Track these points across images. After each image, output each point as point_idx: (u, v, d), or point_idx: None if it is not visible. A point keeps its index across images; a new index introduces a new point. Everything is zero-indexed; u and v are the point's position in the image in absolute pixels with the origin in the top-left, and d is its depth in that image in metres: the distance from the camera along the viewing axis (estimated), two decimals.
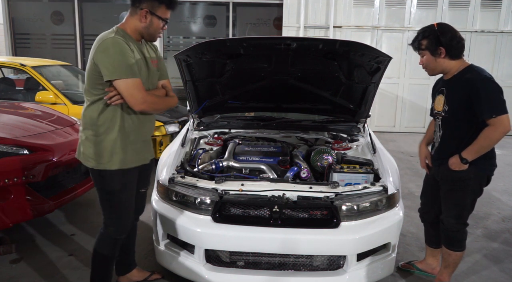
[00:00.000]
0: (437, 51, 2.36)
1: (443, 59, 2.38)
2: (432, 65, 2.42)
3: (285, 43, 2.69)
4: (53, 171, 3.11)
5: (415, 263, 2.92)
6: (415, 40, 2.43)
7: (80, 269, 2.87)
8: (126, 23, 2.18)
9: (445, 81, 2.48)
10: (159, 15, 2.15)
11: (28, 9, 8.85)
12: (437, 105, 2.52)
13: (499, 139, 2.28)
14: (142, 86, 2.10)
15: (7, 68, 6.22)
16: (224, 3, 8.67)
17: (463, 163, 2.35)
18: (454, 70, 2.41)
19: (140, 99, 2.08)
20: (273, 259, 2.42)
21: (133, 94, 2.06)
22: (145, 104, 2.10)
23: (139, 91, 2.07)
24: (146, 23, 2.15)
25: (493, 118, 2.22)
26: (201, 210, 2.39)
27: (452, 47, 2.35)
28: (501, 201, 4.51)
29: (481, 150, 2.32)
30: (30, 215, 2.94)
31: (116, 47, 2.04)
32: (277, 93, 3.37)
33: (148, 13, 2.13)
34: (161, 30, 2.22)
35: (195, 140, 3.19)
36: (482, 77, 2.30)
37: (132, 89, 2.06)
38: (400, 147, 6.90)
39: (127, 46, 2.08)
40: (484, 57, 7.99)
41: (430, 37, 2.36)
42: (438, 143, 2.55)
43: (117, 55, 2.03)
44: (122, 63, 2.03)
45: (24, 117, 3.64)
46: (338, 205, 2.35)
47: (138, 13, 2.13)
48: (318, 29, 8.08)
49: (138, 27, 2.16)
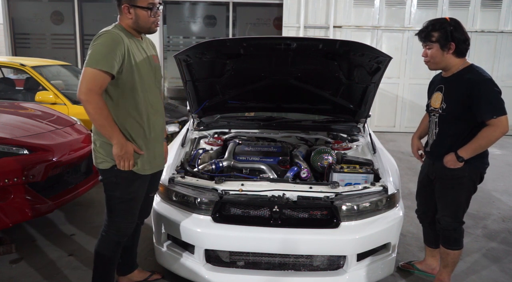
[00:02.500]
0: (447, 46, 2.32)
1: (450, 55, 2.35)
2: (438, 59, 2.38)
3: (285, 43, 2.69)
4: (53, 171, 3.11)
5: (415, 264, 2.92)
6: (425, 31, 2.35)
7: (80, 269, 2.87)
8: (120, 21, 2.16)
9: (444, 79, 2.47)
10: (140, 5, 2.08)
11: (28, 9, 8.85)
12: (434, 102, 2.51)
13: (498, 139, 2.29)
14: (102, 83, 2.00)
15: (7, 68, 6.21)
16: (224, 3, 8.67)
17: (459, 161, 2.35)
18: (455, 68, 2.40)
19: (87, 89, 1.96)
20: (273, 259, 2.42)
21: (89, 81, 1.97)
22: (86, 96, 1.97)
23: (95, 84, 1.97)
24: (132, 18, 2.11)
25: (493, 119, 2.24)
26: (201, 210, 2.39)
27: (461, 44, 2.33)
28: (501, 201, 4.51)
29: (478, 149, 2.33)
30: (30, 215, 2.94)
31: (104, 38, 2.01)
32: (277, 93, 3.37)
33: (130, 7, 2.08)
34: (154, 18, 2.14)
35: (195, 140, 3.19)
36: (484, 79, 2.29)
37: (89, 78, 1.97)
38: (400, 147, 6.90)
39: (120, 39, 2.04)
40: (484, 57, 7.99)
41: (443, 30, 2.30)
42: (433, 140, 2.54)
43: (101, 46, 2.00)
44: (100, 53, 1.98)
45: (24, 117, 3.64)
46: (338, 205, 2.35)
47: (122, 11, 2.10)
48: (318, 29, 8.08)
49: (129, 24, 2.13)
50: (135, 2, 2.08)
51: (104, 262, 2.34)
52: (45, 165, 3.01)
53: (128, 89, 2.11)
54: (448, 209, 2.51)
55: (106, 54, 1.99)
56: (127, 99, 2.12)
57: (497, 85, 2.29)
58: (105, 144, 2.14)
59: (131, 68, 2.09)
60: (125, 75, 2.08)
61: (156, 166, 2.32)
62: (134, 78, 2.11)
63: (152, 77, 2.25)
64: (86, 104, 1.99)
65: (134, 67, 2.11)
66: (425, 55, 2.43)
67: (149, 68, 2.22)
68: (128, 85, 2.11)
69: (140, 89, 2.15)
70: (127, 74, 2.09)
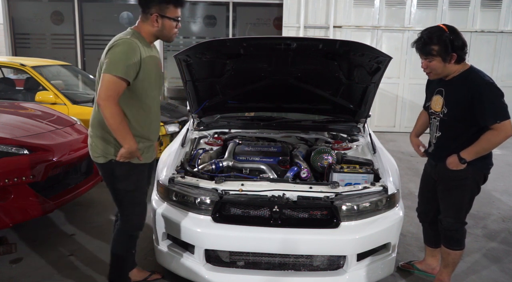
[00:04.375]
0: (448, 57, 2.28)
1: (451, 64, 2.33)
2: (440, 71, 2.35)
3: (285, 43, 2.69)
4: (53, 171, 3.11)
5: (415, 263, 2.92)
6: (426, 45, 2.28)
7: (80, 269, 2.87)
8: (139, 27, 2.25)
9: (444, 82, 2.45)
10: (169, 16, 2.20)
11: (28, 9, 8.85)
12: (435, 106, 2.51)
13: (501, 143, 2.28)
14: (119, 89, 2.11)
15: (7, 68, 6.21)
16: (224, 3, 8.67)
17: (461, 163, 2.36)
18: (456, 72, 2.39)
19: (107, 96, 2.07)
20: (273, 259, 2.42)
21: (108, 88, 2.08)
22: (105, 102, 2.08)
23: (114, 90, 2.09)
24: (158, 27, 2.22)
25: (497, 123, 2.23)
26: (201, 210, 2.39)
27: (461, 51, 2.30)
28: (501, 201, 4.51)
29: (481, 152, 2.33)
30: (30, 215, 2.94)
31: (124, 46, 2.10)
32: (277, 93, 3.37)
33: (159, 17, 2.18)
34: (176, 29, 2.27)
35: (195, 140, 3.19)
36: (486, 82, 2.28)
37: (110, 84, 2.08)
38: (400, 147, 6.90)
39: (137, 48, 2.14)
40: (484, 57, 8.00)
41: (443, 43, 2.25)
42: (435, 143, 2.55)
43: (121, 53, 2.09)
44: (120, 61, 2.08)
45: (24, 117, 3.64)
46: (338, 205, 2.35)
47: (149, 19, 2.20)
48: (318, 29, 8.08)
49: (152, 31, 2.23)
50: (165, 13, 2.19)
51: (118, 256, 2.44)
52: (45, 165, 3.01)
53: (137, 95, 2.23)
54: (451, 209, 2.50)
55: (125, 61, 2.09)
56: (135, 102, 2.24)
57: (499, 88, 2.28)
58: (103, 140, 2.26)
59: (143, 75, 2.21)
60: (138, 82, 2.20)
61: (149, 156, 2.42)
62: (144, 85, 2.23)
63: (157, 85, 2.36)
64: (103, 109, 2.10)
65: (145, 76, 2.22)
66: (425, 67, 2.39)
67: (157, 76, 2.33)
68: (138, 91, 2.22)
69: (147, 95, 2.28)
70: (140, 81, 2.20)
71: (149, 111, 2.31)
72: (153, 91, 2.32)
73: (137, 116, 2.27)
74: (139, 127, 2.28)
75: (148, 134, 2.35)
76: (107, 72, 2.08)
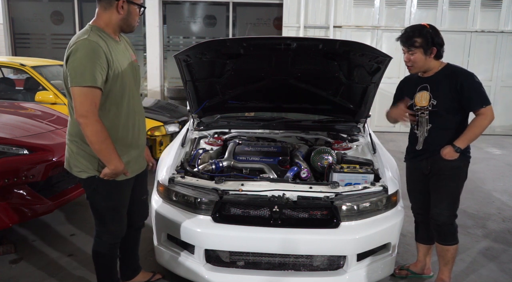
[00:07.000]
0: (429, 50, 2.49)
1: (431, 59, 2.53)
2: (421, 63, 2.54)
3: (285, 43, 2.69)
4: (53, 171, 3.11)
5: (410, 267, 2.91)
6: (410, 37, 2.51)
7: (80, 269, 2.87)
8: (99, 19, 2.06)
9: (425, 79, 2.61)
10: (135, 2, 2.07)
11: (28, 9, 8.85)
12: (421, 102, 2.60)
13: (487, 127, 2.50)
14: (95, 100, 1.93)
15: (7, 68, 6.22)
16: (224, 3, 8.66)
17: (456, 152, 2.47)
18: (436, 68, 2.57)
19: (84, 111, 1.90)
20: (273, 259, 2.42)
21: (82, 103, 1.90)
22: (84, 119, 1.91)
23: (89, 104, 1.90)
24: (123, 14, 2.06)
25: (483, 108, 2.44)
26: (201, 210, 2.39)
27: (441, 48, 2.52)
28: (501, 201, 4.51)
29: (473, 138, 2.49)
30: (30, 215, 2.94)
31: (83, 51, 1.90)
32: (277, 93, 3.37)
33: (125, 3, 2.04)
34: (138, 16, 2.13)
35: (195, 140, 3.19)
36: (469, 73, 2.51)
37: (82, 98, 1.90)
38: (400, 147, 6.89)
39: (99, 48, 1.93)
40: (484, 57, 7.99)
41: (424, 36, 2.48)
42: (425, 137, 2.59)
43: (82, 59, 1.89)
44: (84, 69, 1.88)
45: (24, 117, 3.64)
46: (338, 205, 2.35)
47: (114, 5, 2.03)
48: (318, 29, 8.08)
49: (115, 20, 2.06)
50: None
51: (103, 264, 2.34)
52: (45, 165, 3.01)
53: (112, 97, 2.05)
54: (445, 201, 2.54)
55: (89, 68, 1.89)
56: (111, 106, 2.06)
57: (478, 78, 2.50)
58: (85, 154, 2.08)
59: (114, 76, 2.02)
60: (109, 84, 2.01)
61: (139, 168, 2.29)
62: (116, 86, 2.05)
63: (133, 81, 2.18)
64: (84, 127, 1.93)
65: (117, 75, 2.04)
66: (407, 60, 2.60)
67: (130, 72, 2.16)
68: (112, 93, 2.04)
69: (123, 95, 2.10)
70: (111, 82, 2.02)
71: (128, 113, 2.12)
72: (130, 89, 2.13)
73: (116, 122, 2.07)
74: (121, 134, 2.10)
75: (132, 141, 2.16)
76: (74, 85, 1.89)
